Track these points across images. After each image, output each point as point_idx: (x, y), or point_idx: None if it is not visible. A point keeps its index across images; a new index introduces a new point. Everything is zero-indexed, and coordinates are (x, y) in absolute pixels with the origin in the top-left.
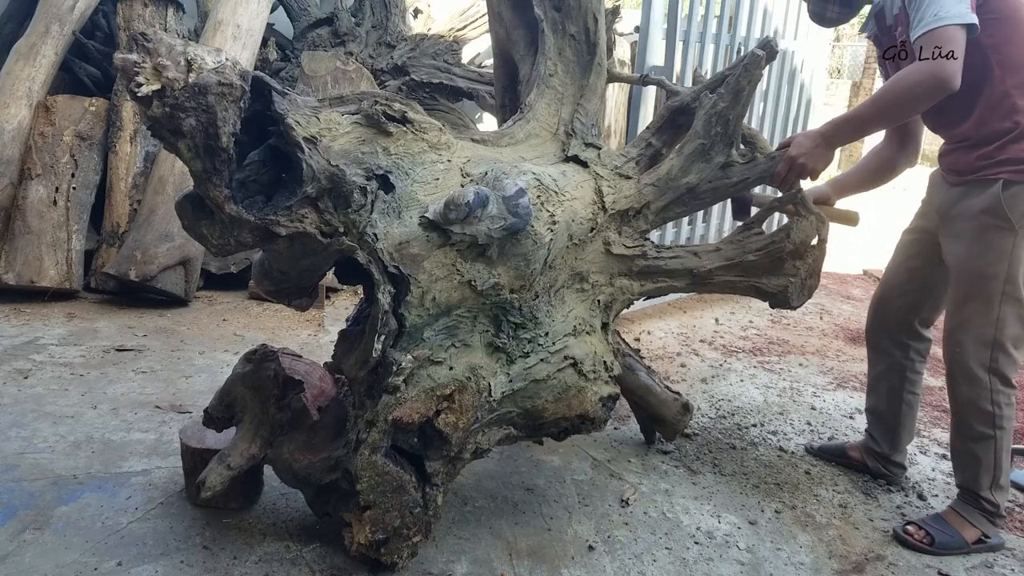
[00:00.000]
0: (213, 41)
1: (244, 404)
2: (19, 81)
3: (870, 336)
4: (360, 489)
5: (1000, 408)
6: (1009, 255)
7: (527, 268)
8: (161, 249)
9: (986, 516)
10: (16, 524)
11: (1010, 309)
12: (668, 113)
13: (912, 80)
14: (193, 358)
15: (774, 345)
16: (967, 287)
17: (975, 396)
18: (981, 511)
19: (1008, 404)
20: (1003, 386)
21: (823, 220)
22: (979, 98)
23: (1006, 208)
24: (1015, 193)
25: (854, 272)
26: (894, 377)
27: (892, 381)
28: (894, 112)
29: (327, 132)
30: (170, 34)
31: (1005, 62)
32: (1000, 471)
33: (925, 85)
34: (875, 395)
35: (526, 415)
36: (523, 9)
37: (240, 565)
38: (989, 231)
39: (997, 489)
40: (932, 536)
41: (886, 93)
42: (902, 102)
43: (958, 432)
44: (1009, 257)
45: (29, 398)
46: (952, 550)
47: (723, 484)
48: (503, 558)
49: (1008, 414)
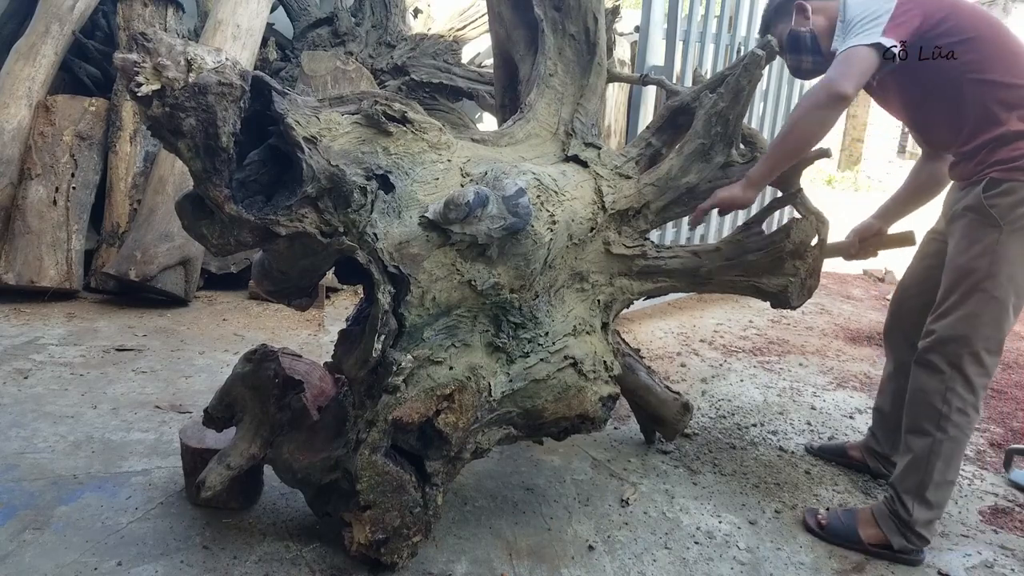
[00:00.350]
0: (213, 41)
1: (244, 404)
2: (19, 81)
3: (887, 335)
4: (360, 489)
5: (950, 408)
6: (992, 251)
7: (527, 268)
8: (161, 249)
9: (896, 524)
10: (16, 524)
11: (986, 308)
12: (668, 113)
13: (807, 104)
14: (193, 358)
15: (774, 345)
16: (949, 281)
17: (929, 388)
18: (893, 517)
19: (961, 411)
20: (962, 388)
21: (823, 220)
22: (963, 116)
23: (987, 205)
24: (999, 190)
25: (854, 272)
26: (901, 378)
27: (899, 382)
28: (802, 138)
29: (327, 132)
30: (170, 34)
31: (982, 79)
32: (929, 480)
33: (820, 103)
34: (883, 394)
35: (526, 415)
36: (523, 9)
37: (240, 565)
38: (974, 227)
39: (920, 501)
40: (829, 522)
41: (789, 123)
42: (805, 126)
43: (905, 423)
44: (991, 253)
45: (29, 398)
46: (840, 541)
47: (723, 484)
48: (503, 558)
49: (958, 421)
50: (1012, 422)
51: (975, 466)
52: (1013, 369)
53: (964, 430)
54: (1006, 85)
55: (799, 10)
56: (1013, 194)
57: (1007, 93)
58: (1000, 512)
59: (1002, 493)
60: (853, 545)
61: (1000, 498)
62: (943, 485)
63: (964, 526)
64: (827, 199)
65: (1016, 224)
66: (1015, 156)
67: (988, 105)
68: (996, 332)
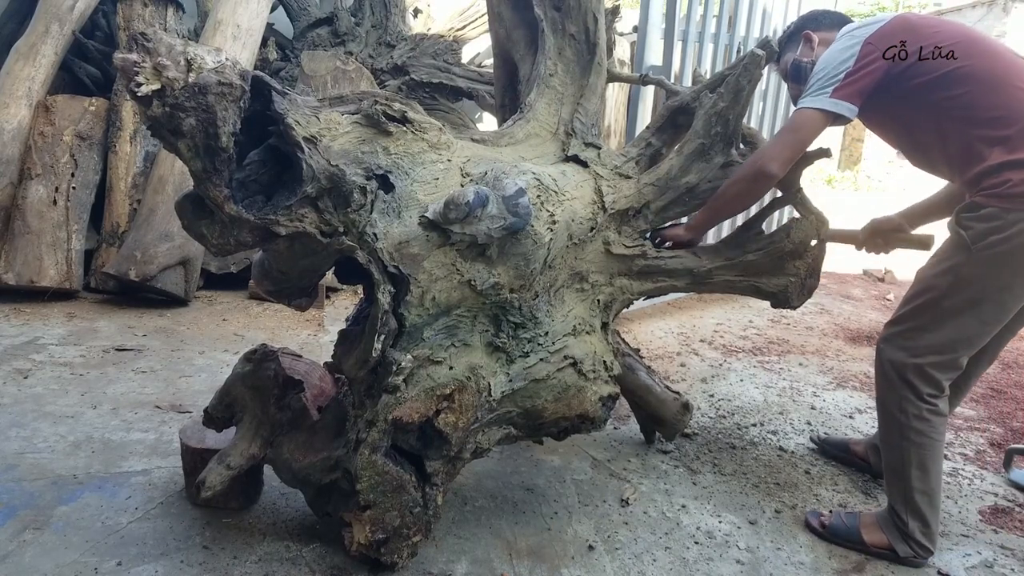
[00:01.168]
0: (213, 41)
1: (244, 404)
2: (19, 81)
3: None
4: (360, 489)
5: (907, 416)
6: (955, 272)
7: (527, 268)
8: (161, 249)
9: (898, 531)
10: (16, 524)
11: (938, 326)
12: (668, 113)
13: (739, 174)
14: (193, 358)
15: (774, 345)
16: (911, 291)
17: (886, 399)
18: (895, 526)
19: (919, 417)
20: (914, 397)
21: (823, 220)
22: (950, 154)
23: (961, 226)
24: (977, 214)
25: (854, 272)
26: None
27: None
28: (732, 203)
29: (327, 132)
30: (170, 34)
31: (961, 117)
32: (910, 488)
33: (747, 178)
34: None
35: (526, 415)
36: (523, 9)
37: (240, 565)
38: (946, 244)
39: (909, 510)
40: (831, 522)
41: (723, 188)
42: (734, 195)
43: (879, 433)
44: (953, 273)
45: (29, 398)
46: (840, 540)
47: (723, 484)
48: (503, 558)
49: (921, 428)
50: (1012, 422)
51: (975, 466)
52: (1013, 369)
53: (930, 435)
54: (986, 121)
55: (805, 40)
56: (990, 220)
57: (987, 129)
58: (1000, 512)
59: (1002, 493)
60: (855, 546)
61: (1000, 498)
62: (927, 493)
63: (964, 526)
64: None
65: (987, 250)
66: (999, 183)
67: (971, 143)
68: (948, 351)
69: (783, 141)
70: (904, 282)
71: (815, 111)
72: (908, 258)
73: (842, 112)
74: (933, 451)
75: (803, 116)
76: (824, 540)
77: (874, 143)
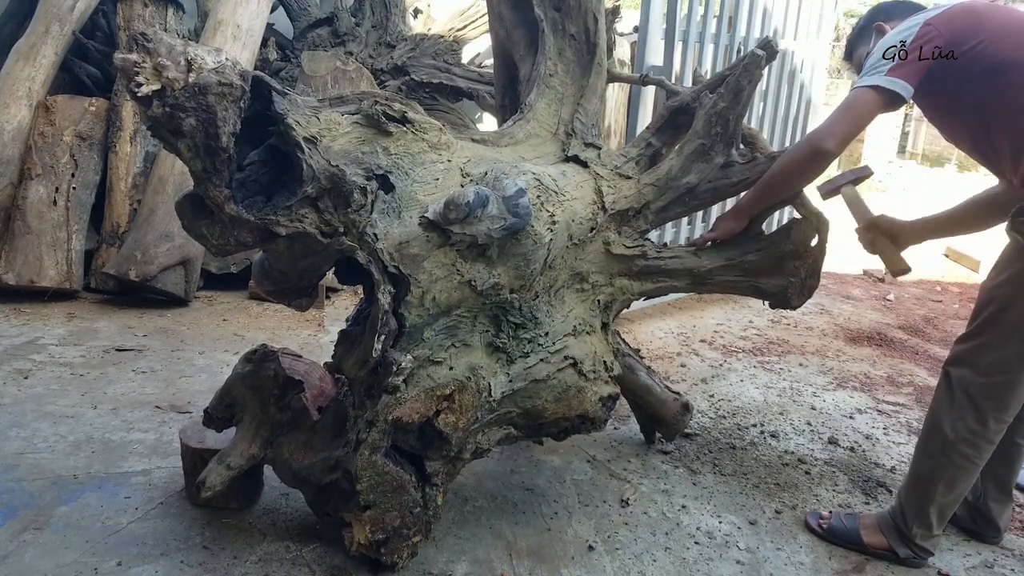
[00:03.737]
0: (213, 41)
1: (244, 404)
2: (19, 81)
3: None
4: (360, 489)
5: (957, 436)
6: (1017, 279)
7: (527, 268)
8: (161, 249)
9: (899, 534)
10: (16, 524)
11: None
12: (668, 113)
13: (793, 154)
14: (193, 358)
15: (774, 345)
16: (977, 304)
17: (941, 412)
18: (896, 529)
19: (968, 441)
20: (971, 419)
21: (823, 220)
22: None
23: (1015, 228)
24: None
25: (854, 272)
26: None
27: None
28: (784, 184)
29: (327, 132)
30: (170, 34)
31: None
32: (929, 501)
33: (802, 156)
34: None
35: (526, 415)
36: (523, 9)
37: (240, 565)
38: (1006, 252)
39: (919, 518)
40: (831, 523)
41: (776, 166)
42: (787, 174)
43: (920, 437)
44: (1014, 283)
45: (29, 398)
46: (840, 540)
47: (723, 484)
48: (503, 558)
49: (965, 451)
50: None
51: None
52: None
53: (972, 459)
54: None
55: (877, 31)
56: None
57: None
58: None
59: None
60: (854, 547)
61: None
62: (945, 506)
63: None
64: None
65: None
66: None
67: None
68: (1016, 365)
69: (840, 118)
70: (904, 282)
71: (869, 88)
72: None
73: (897, 90)
74: (966, 474)
75: (858, 94)
76: (824, 541)
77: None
